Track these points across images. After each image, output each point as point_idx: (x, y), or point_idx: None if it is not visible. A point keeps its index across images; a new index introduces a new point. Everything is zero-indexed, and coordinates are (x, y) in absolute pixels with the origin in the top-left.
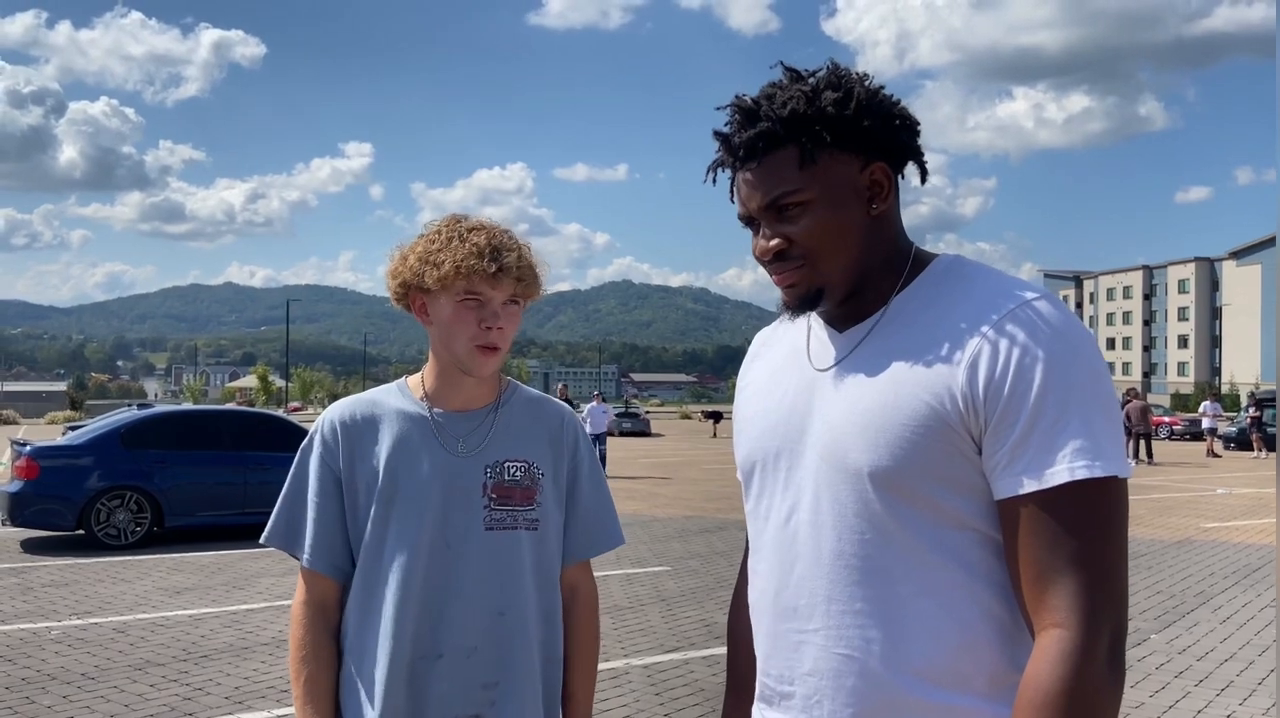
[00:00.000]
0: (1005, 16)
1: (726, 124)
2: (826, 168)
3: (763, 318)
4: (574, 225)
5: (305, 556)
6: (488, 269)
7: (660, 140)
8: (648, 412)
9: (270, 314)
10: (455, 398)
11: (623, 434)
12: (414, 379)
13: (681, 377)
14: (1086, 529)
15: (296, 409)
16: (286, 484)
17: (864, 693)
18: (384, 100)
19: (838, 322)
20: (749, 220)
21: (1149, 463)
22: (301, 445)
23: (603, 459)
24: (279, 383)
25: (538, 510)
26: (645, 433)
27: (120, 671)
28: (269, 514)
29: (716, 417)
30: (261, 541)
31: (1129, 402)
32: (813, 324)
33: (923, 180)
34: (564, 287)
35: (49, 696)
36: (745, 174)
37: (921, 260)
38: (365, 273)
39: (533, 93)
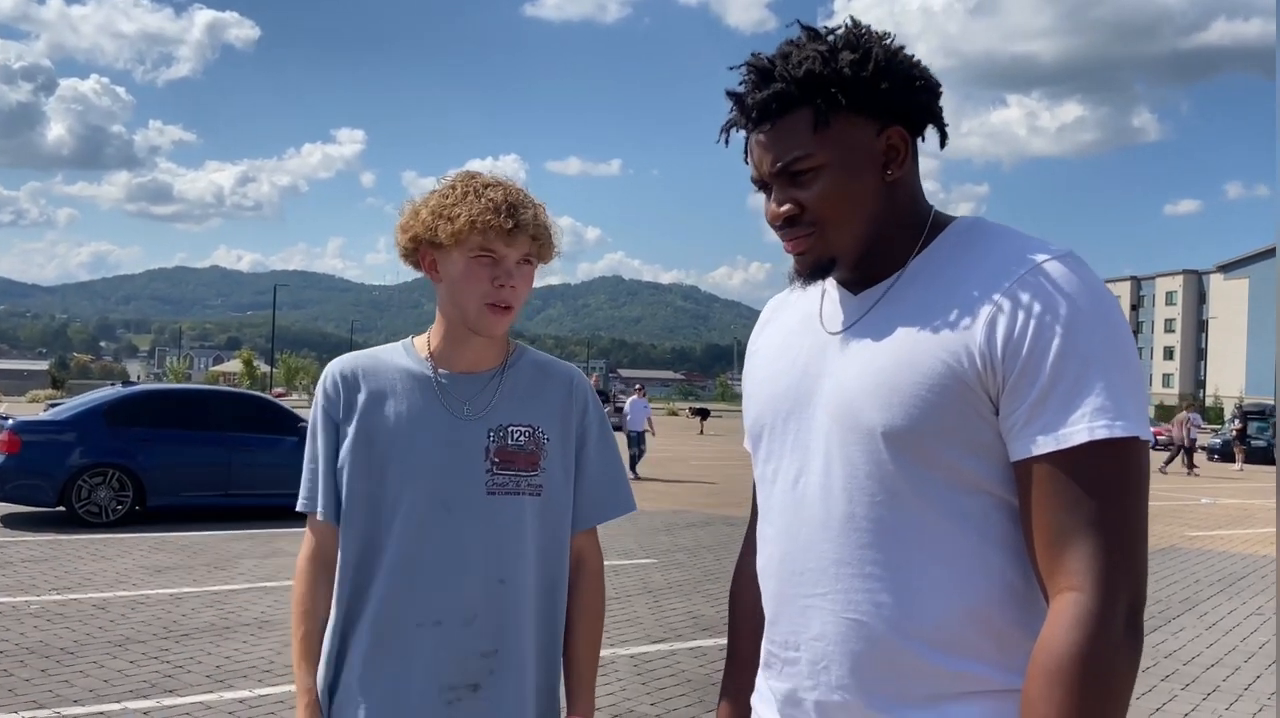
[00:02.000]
0: (1002, 24)
1: (741, 83)
2: (841, 131)
3: (752, 318)
4: (566, 219)
5: (319, 507)
6: (504, 225)
7: (654, 137)
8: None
9: (257, 299)
10: (461, 359)
11: None
12: (420, 339)
13: (669, 374)
14: (1106, 491)
15: (281, 395)
16: (307, 447)
17: (872, 658)
18: (378, 87)
19: (852, 285)
20: (761, 184)
21: (1188, 473)
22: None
23: (636, 460)
24: (264, 368)
25: (542, 476)
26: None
27: (100, 647)
28: (251, 496)
29: (704, 414)
30: (298, 508)
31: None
32: (827, 288)
33: (942, 144)
34: (554, 280)
35: (27, 669)
36: (758, 136)
37: (940, 223)
38: (354, 260)
39: (528, 85)
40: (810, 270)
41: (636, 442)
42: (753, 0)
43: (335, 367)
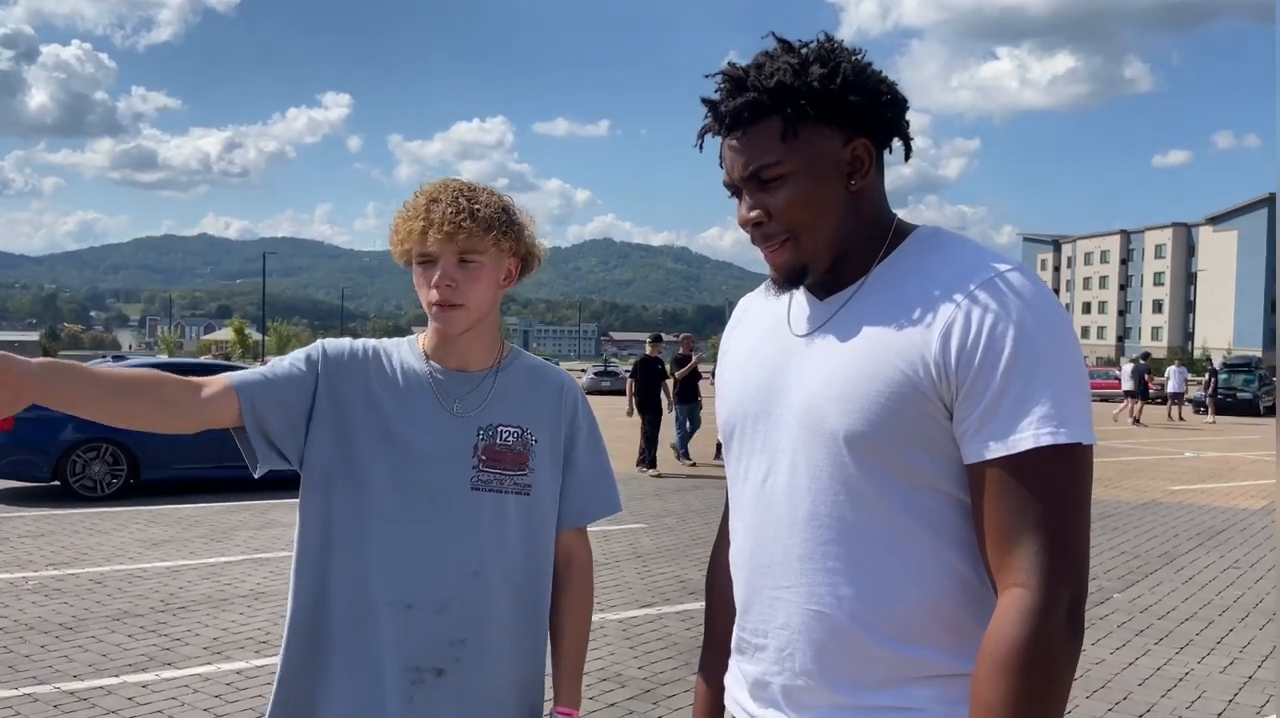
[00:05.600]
0: None
1: (716, 91)
2: (808, 141)
3: (744, 278)
4: (554, 181)
5: (241, 382)
6: (416, 229)
7: (643, 97)
8: (627, 370)
9: (246, 267)
10: (452, 357)
11: (601, 393)
12: (422, 336)
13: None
14: (1050, 494)
15: None
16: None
17: (833, 646)
18: (363, 49)
19: (819, 290)
20: (733, 188)
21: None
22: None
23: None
24: (256, 337)
25: (530, 476)
26: (623, 392)
27: (98, 621)
28: (244, 468)
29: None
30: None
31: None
32: (795, 292)
33: (906, 158)
34: (544, 244)
35: (27, 645)
36: (731, 142)
37: (902, 232)
38: (342, 226)
39: (514, 45)
40: (786, 278)
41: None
42: None
43: (340, 343)
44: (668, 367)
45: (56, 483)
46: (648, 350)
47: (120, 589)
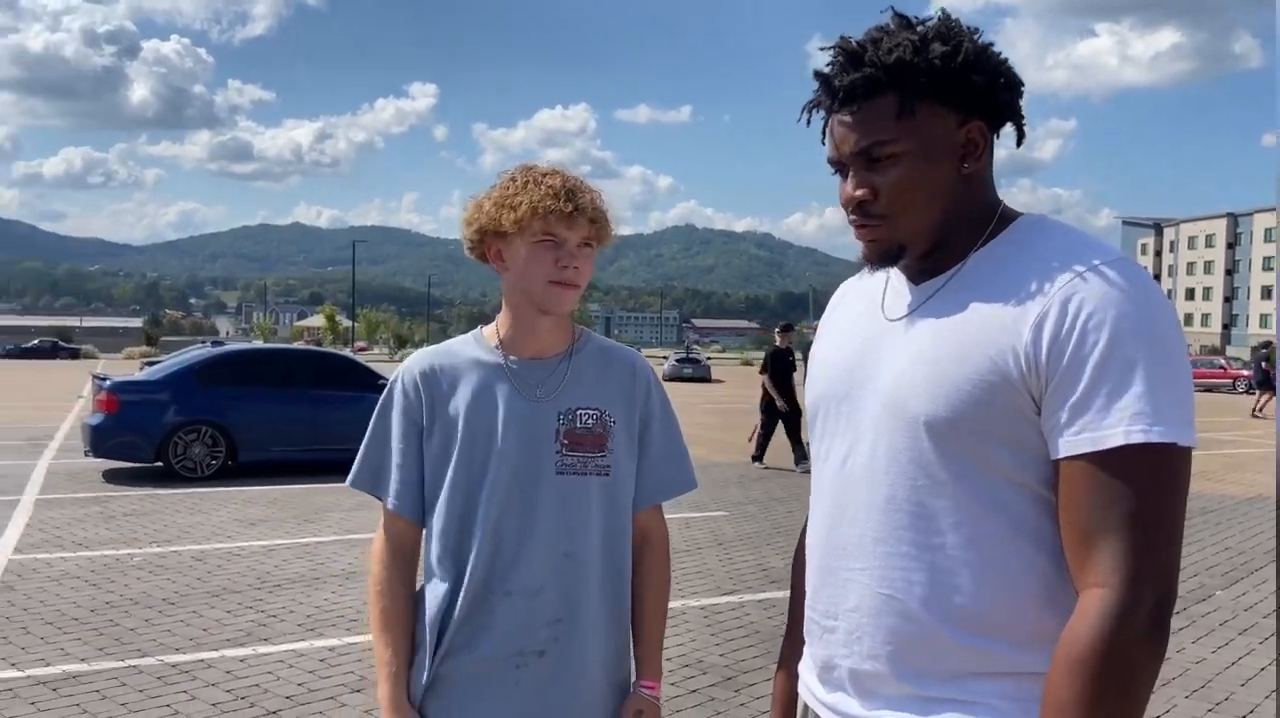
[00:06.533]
0: None
1: (828, 65)
2: (924, 121)
3: (828, 264)
4: (636, 168)
5: (390, 500)
6: (564, 209)
7: (725, 83)
8: (709, 358)
9: (337, 255)
10: (529, 345)
11: (682, 380)
12: (488, 329)
13: (743, 323)
14: (1139, 493)
15: (362, 349)
16: (369, 431)
17: (902, 632)
18: (449, 39)
19: (916, 274)
20: (838, 165)
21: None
22: (383, 396)
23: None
24: (345, 323)
25: (609, 457)
26: (706, 379)
27: (199, 597)
28: (336, 451)
29: None
30: (348, 483)
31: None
32: (891, 275)
33: (1018, 143)
34: (626, 231)
35: (132, 618)
36: (841, 117)
37: (1006, 218)
38: (429, 214)
39: (596, 32)
40: (879, 257)
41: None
42: None
43: (415, 365)
44: (798, 358)
45: (159, 464)
46: (777, 342)
47: (219, 566)
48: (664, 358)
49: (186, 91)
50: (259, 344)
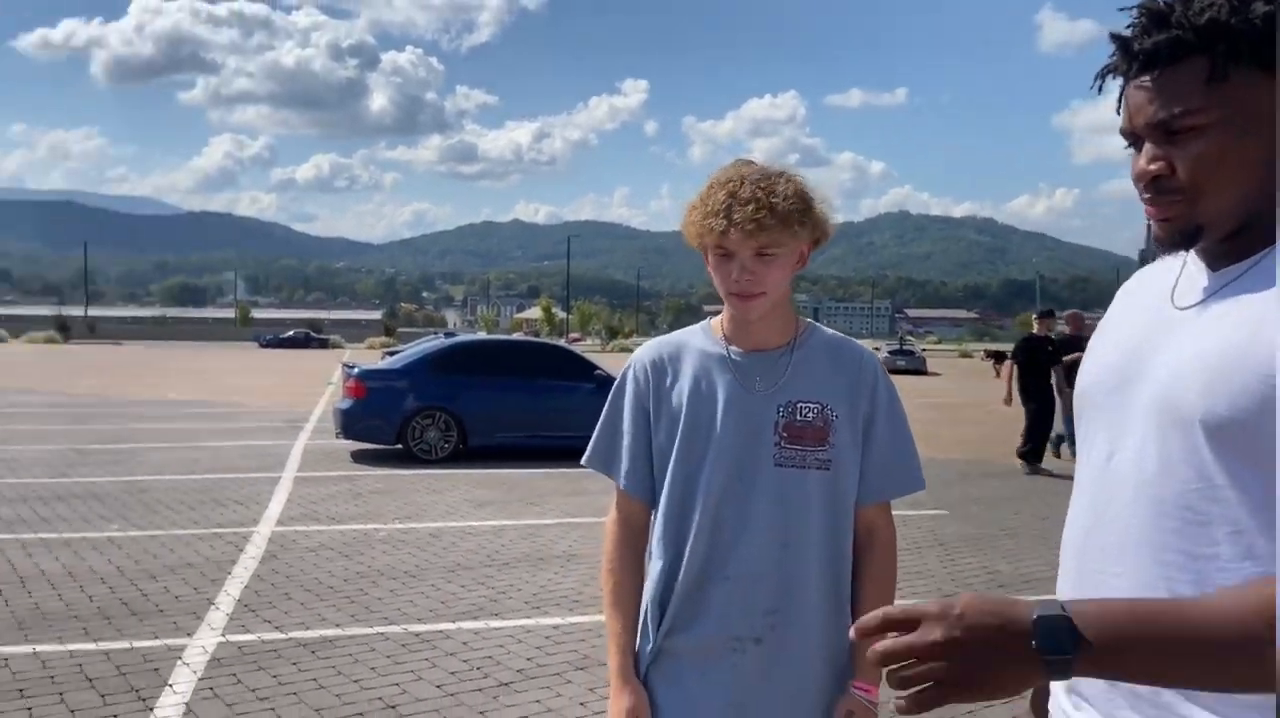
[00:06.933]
0: None
1: (1128, 27)
2: (1237, 88)
3: (1057, 250)
4: (847, 154)
5: (621, 479)
6: (717, 228)
7: (944, 62)
8: (924, 349)
9: (553, 249)
10: (747, 339)
11: (896, 372)
12: (716, 320)
13: (961, 313)
14: None
15: (576, 340)
16: (604, 414)
17: None
18: (659, 35)
19: (1215, 259)
20: (1132, 137)
21: None
22: (616, 382)
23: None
24: (560, 315)
25: (830, 452)
26: (921, 372)
27: (436, 571)
28: (556, 437)
29: (1000, 357)
30: (583, 462)
31: None
32: (1189, 260)
33: None
34: (835, 219)
35: (379, 589)
36: (1141, 83)
37: None
38: (639, 208)
39: (806, 18)
40: (1173, 239)
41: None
42: None
43: (644, 355)
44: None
45: (399, 446)
46: (1034, 329)
47: (454, 544)
48: (875, 349)
49: (419, 99)
50: (484, 336)
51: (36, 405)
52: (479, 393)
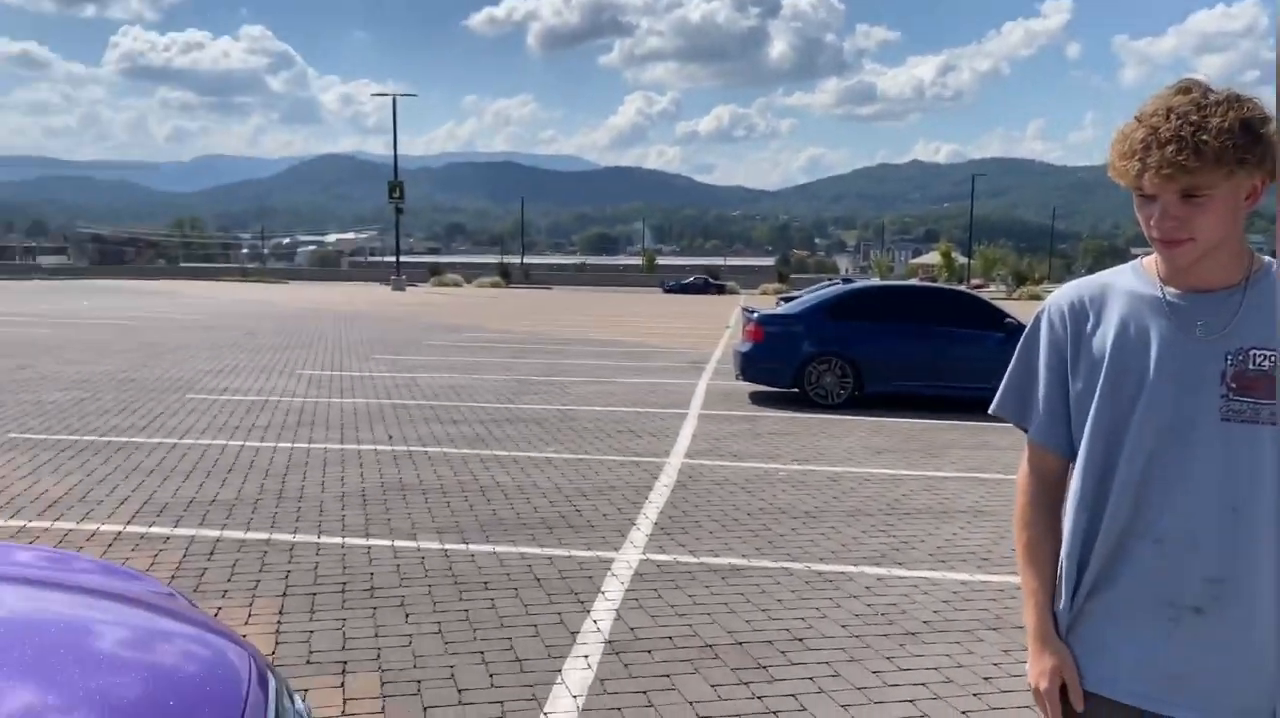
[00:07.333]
0: None
1: None
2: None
3: None
4: None
5: (1032, 428)
6: (1132, 170)
7: None
8: None
9: (954, 190)
10: (1186, 278)
11: None
12: (1149, 259)
13: None
14: None
15: (978, 286)
16: (1014, 360)
17: None
18: None
19: None
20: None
21: None
22: (1029, 326)
23: None
24: (961, 260)
25: None
26: None
27: (835, 514)
28: (958, 388)
29: None
30: (991, 409)
31: None
32: None
33: None
34: None
35: (781, 526)
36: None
37: None
38: (1055, 141)
39: None
40: None
41: None
42: None
43: (1062, 298)
44: None
45: (795, 390)
46: None
47: (852, 489)
48: None
49: (819, 41)
50: (877, 281)
51: (486, 342)
52: (876, 340)
